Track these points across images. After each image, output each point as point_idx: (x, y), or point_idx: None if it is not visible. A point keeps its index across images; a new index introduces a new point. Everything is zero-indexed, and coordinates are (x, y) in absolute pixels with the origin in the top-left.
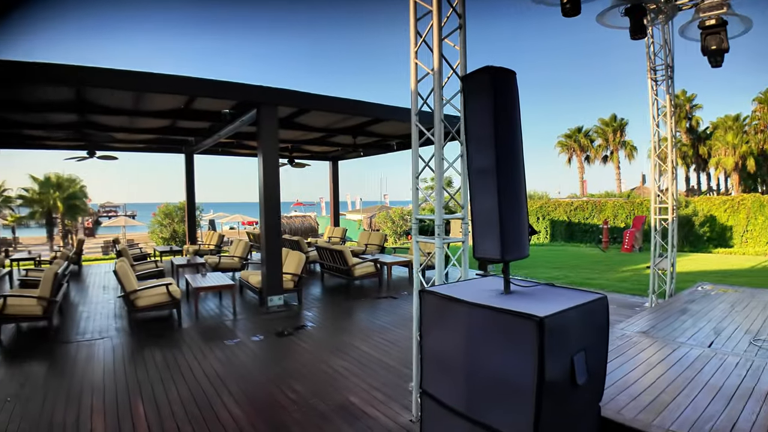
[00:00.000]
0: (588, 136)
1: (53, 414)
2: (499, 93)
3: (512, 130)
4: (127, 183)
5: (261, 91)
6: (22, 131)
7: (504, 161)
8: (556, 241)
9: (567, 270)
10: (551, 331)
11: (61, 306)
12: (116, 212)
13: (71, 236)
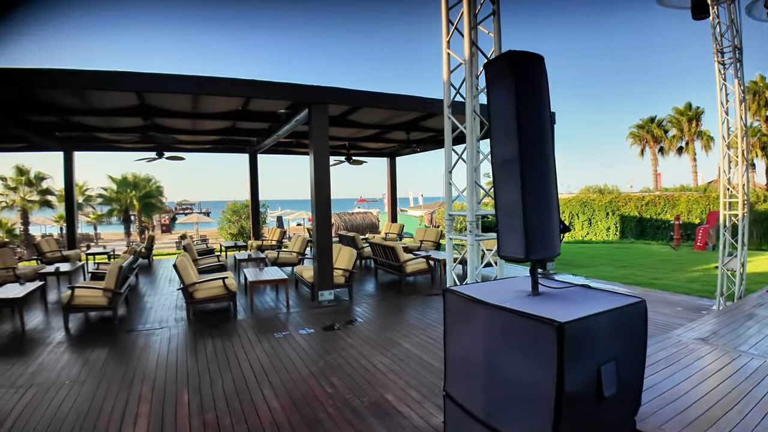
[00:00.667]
0: (661, 126)
1: (105, 399)
2: (522, 79)
3: (538, 119)
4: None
5: (312, 90)
6: (97, 134)
7: (528, 151)
8: (626, 238)
9: (634, 269)
10: (573, 338)
11: (127, 297)
12: (191, 209)
13: (147, 232)
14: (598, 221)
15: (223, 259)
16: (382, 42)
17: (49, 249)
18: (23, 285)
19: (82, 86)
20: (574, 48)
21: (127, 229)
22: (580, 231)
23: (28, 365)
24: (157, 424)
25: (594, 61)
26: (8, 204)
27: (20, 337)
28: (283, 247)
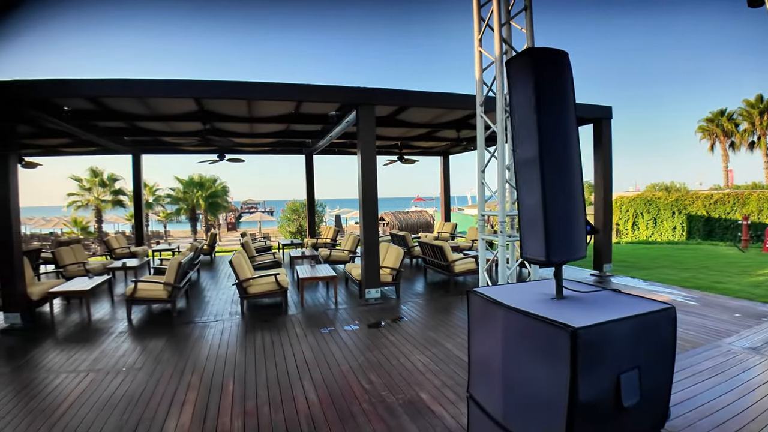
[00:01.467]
0: (732, 120)
1: (156, 386)
2: (542, 77)
3: (560, 117)
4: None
5: (358, 92)
6: (161, 138)
7: (549, 151)
8: (693, 238)
9: (696, 271)
10: (589, 345)
11: (187, 291)
12: (256, 208)
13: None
14: (663, 221)
15: (279, 257)
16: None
17: (119, 245)
18: (91, 278)
19: (145, 94)
20: (629, 41)
21: (194, 227)
22: (644, 231)
23: (90, 352)
24: (202, 410)
25: (659, 56)
26: (83, 203)
27: (86, 326)
28: (337, 245)
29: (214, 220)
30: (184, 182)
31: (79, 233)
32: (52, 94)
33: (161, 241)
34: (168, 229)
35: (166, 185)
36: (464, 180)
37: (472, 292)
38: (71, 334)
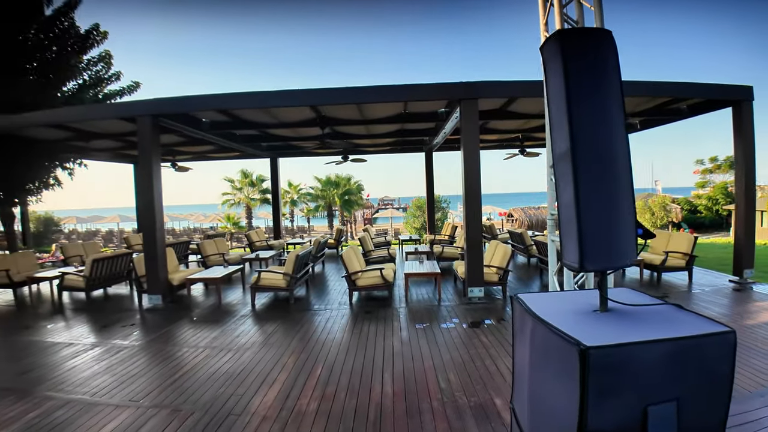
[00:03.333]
0: None
1: (256, 365)
2: (574, 63)
3: (598, 107)
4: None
5: (460, 87)
6: (291, 143)
7: (583, 144)
8: None
9: None
10: (604, 367)
11: (307, 281)
12: (391, 205)
13: (349, 226)
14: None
15: (394, 252)
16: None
17: (258, 239)
18: (226, 268)
19: (265, 105)
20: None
21: (330, 223)
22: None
23: (212, 331)
24: (287, 390)
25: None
26: (235, 201)
27: (216, 309)
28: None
29: (349, 216)
30: (322, 181)
31: (231, 228)
32: (190, 108)
33: (305, 235)
34: (312, 224)
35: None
36: None
37: (515, 298)
38: (202, 315)
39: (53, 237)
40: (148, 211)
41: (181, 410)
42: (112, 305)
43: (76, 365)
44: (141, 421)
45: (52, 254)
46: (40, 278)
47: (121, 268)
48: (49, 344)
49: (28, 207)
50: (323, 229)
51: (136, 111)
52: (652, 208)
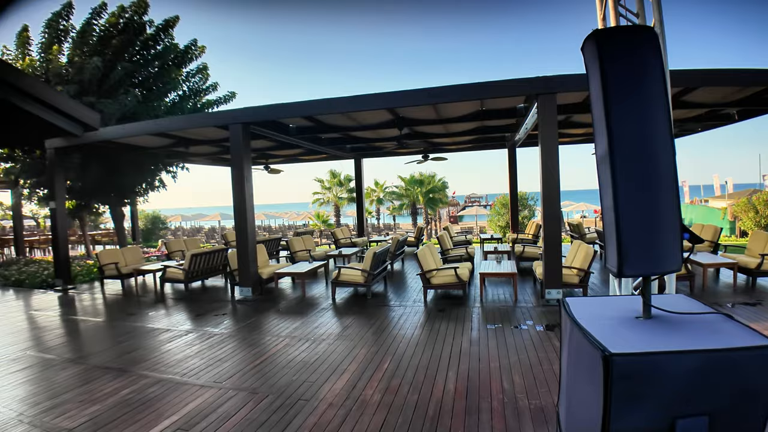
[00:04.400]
0: None
1: (329, 355)
2: (610, 63)
3: (639, 108)
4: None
5: (536, 81)
6: (373, 144)
7: (621, 148)
8: None
9: None
10: (630, 375)
11: (386, 278)
12: (479, 202)
13: (433, 224)
14: None
15: (472, 251)
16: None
17: (342, 236)
18: (311, 263)
19: (344, 110)
20: None
21: (414, 221)
22: None
23: (294, 322)
24: (354, 381)
25: None
26: (325, 200)
27: (300, 302)
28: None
29: (434, 214)
30: (406, 180)
31: (320, 225)
32: (277, 116)
33: (390, 233)
34: (397, 222)
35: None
36: (714, 165)
37: (562, 302)
38: (287, 306)
39: (161, 233)
40: (240, 210)
41: (258, 393)
42: (208, 296)
43: (171, 348)
44: (221, 401)
45: (158, 249)
46: (145, 270)
47: (216, 263)
48: (149, 329)
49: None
50: (408, 227)
51: (228, 120)
52: (757, 206)
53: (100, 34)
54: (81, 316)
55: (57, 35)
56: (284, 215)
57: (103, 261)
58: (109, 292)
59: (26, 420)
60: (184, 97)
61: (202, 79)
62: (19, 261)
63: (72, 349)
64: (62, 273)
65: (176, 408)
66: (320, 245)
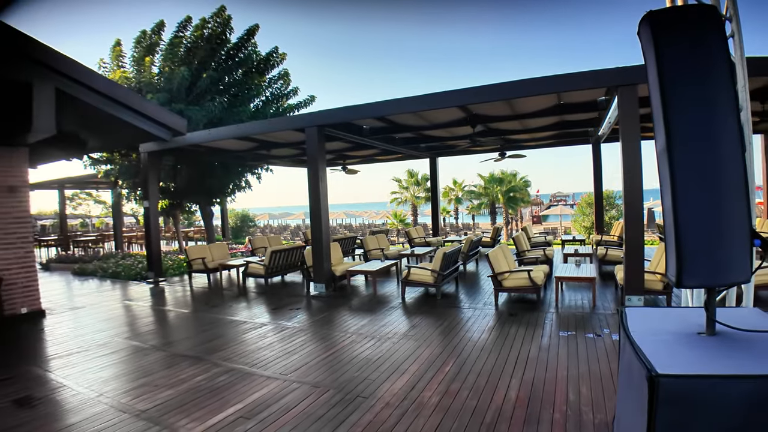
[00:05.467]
0: None
1: (393, 354)
2: (668, 48)
3: (698, 98)
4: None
5: (614, 73)
6: (447, 142)
7: (680, 144)
8: None
9: None
10: (678, 400)
11: (457, 278)
12: (565, 201)
13: (514, 223)
14: None
15: (551, 252)
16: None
17: (416, 235)
18: (383, 262)
19: (414, 109)
20: None
21: (493, 220)
22: None
23: (363, 319)
24: (414, 381)
25: None
26: (402, 200)
27: (371, 299)
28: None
29: (514, 213)
30: (485, 179)
31: (398, 224)
32: (349, 117)
33: (468, 232)
34: (476, 221)
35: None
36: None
37: (619, 311)
38: (358, 303)
39: (249, 231)
40: (314, 209)
41: (320, 387)
42: (286, 291)
43: (245, 340)
44: (284, 392)
45: (245, 246)
46: (230, 265)
47: (294, 259)
48: (229, 321)
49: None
50: (488, 227)
51: (304, 123)
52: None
53: (187, 46)
54: (169, 306)
55: (149, 48)
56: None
57: (192, 256)
58: (196, 285)
59: (104, 400)
60: (267, 102)
61: (284, 85)
62: (117, 255)
63: (157, 336)
64: (154, 266)
65: (242, 397)
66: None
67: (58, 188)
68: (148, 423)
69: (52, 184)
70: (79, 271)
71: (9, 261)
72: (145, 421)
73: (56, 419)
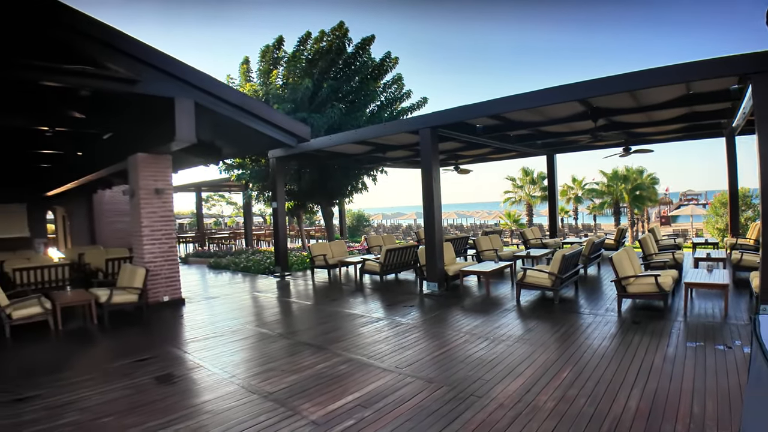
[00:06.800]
0: None
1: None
2: None
3: None
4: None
5: (749, 59)
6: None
7: None
8: None
9: None
10: None
11: (576, 282)
12: (696, 200)
13: (639, 224)
14: None
15: (680, 256)
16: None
17: (532, 236)
18: (497, 263)
19: (530, 105)
20: None
21: (617, 221)
22: None
23: (476, 320)
24: (529, 385)
25: None
26: (516, 199)
27: (484, 300)
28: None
29: (640, 213)
30: (608, 176)
31: (511, 225)
32: (462, 117)
33: (589, 234)
34: (598, 222)
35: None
36: None
37: (754, 318)
38: (470, 304)
39: (364, 230)
40: (428, 209)
41: (433, 383)
42: (400, 288)
43: (363, 333)
44: (399, 385)
45: (361, 244)
46: (348, 262)
47: (408, 258)
48: (346, 314)
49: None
50: (610, 228)
51: (417, 125)
52: None
53: (308, 58)
54: (293, 298)
55: (273, 62)
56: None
57: (314, 253)
58: (317, 280)
59: (236, 381)
60: (382, 106)
61: (397, 89)
62: (247, 251)
63: (283, 325)
64: (281, 262)
65: (360, 386)
66: (510, 245)
67: (196, 191)
68: (275, 404)
69: (190, 187)
70: (213, 265)
71: (155, 254)
72: (272, 402)
73: (193, 395)
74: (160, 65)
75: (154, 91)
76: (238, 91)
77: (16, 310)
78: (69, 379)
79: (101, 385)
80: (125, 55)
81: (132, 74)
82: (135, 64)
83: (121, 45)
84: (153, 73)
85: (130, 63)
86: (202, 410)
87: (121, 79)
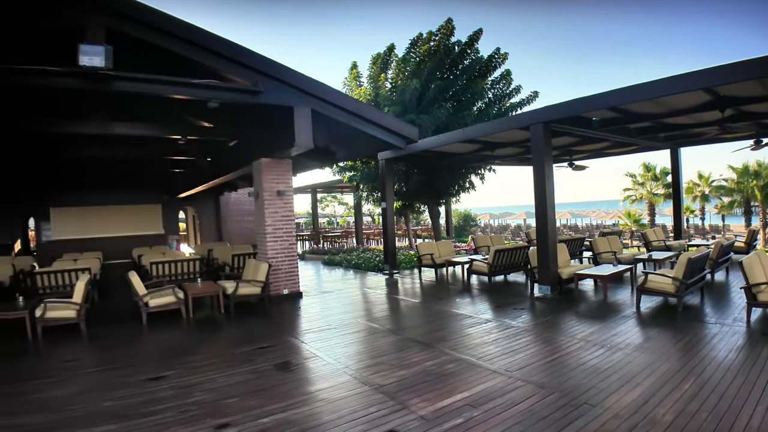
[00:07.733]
0: None
1: (622, 366)
2: None
3: None
4: None
5: None
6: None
7: None
8: None
9: None
10: None
11: (702, 289)
12: None
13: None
14: None
15: None
16: None
17: (654, 238)
18: (615, 266)
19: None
20: None
21: (747, 222)
22: None
23: (591, 326)
24: (648, 396)
25: None
26: (637, 197)
27: (600, 305)
28: None
29: None
30: (738, 171)
31: (631, 225)
32: (576, 111)
33: (717, 236)
34: (726, 222)
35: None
36: None
37: None
38: (586, 309)
39: (471, 230)
40: (540, 207)
41: (545, 388)
42: (509, 290)
43: (470, 333)
44: (508, 388)
45: (468, 244)
46: (455, 262)
47: (518, 259)
48: (454, 314)
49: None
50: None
51: (528, 120)
52: None
53: (416, 60)
54: (401, 296)
55: (383, 66)
56: (591, 214)
57: (421, 252)
58: (424, 279)
59: (349, 372)
60: (490, 103)
61: (506, 85)
62: (358, 249)
63: (391, 321)
64: (389, 260)
65: (468, 386)
66: (629, 247)
67: (311, 192)
68: (385, 397)
69: (306, 188)
70: (327, 262)
71: (277, 251)
72: (383, 395)
73: (309, 383)
74: (280, 76)
75: (276, 100)
76: (353, 98)
77: (152, 299)
78: (198, 362)
79: (226, 369)
80: (248, 69)
81: (255, 86)
82: (256, 76)
83: (244, 59)
84: (273, 83)
85: (252, 75)
86: (317, 397)
87: (246, 91)
